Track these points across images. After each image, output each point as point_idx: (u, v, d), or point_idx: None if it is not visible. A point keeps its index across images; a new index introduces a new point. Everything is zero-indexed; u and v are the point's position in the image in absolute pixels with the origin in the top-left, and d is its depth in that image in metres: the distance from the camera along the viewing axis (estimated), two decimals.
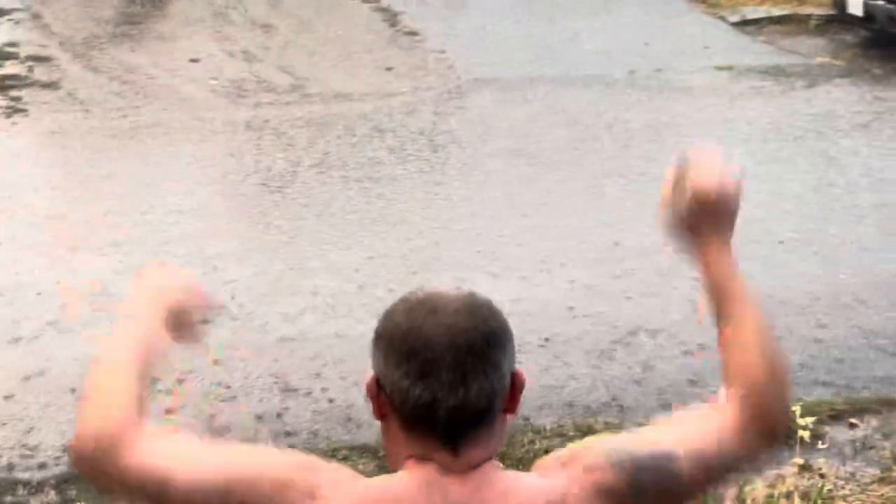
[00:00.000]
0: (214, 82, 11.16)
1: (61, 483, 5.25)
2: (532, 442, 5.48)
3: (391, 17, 13.40)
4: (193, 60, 11.76)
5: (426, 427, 1.78)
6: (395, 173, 9.14)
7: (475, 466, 1.80)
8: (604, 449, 1.89)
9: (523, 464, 5.29)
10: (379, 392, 1.83)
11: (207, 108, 10.49)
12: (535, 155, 9.50)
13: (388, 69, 11.70)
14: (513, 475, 1.86)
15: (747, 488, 4.60)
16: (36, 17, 13.14)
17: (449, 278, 7.30)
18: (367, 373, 1.87)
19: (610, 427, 5.62)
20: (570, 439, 5.48)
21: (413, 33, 12.85)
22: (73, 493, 5.19)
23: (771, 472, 5.19)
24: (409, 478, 1.78)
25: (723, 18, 13.83)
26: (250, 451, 1.93)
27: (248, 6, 13.70)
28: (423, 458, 1.79)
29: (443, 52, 12.23)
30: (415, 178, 9.07)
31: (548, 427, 5.66)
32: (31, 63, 11.55)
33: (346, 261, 7.57)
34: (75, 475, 5.30)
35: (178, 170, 9.16)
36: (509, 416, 1.88)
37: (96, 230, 7.91)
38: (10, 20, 12.97)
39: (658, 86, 11.43)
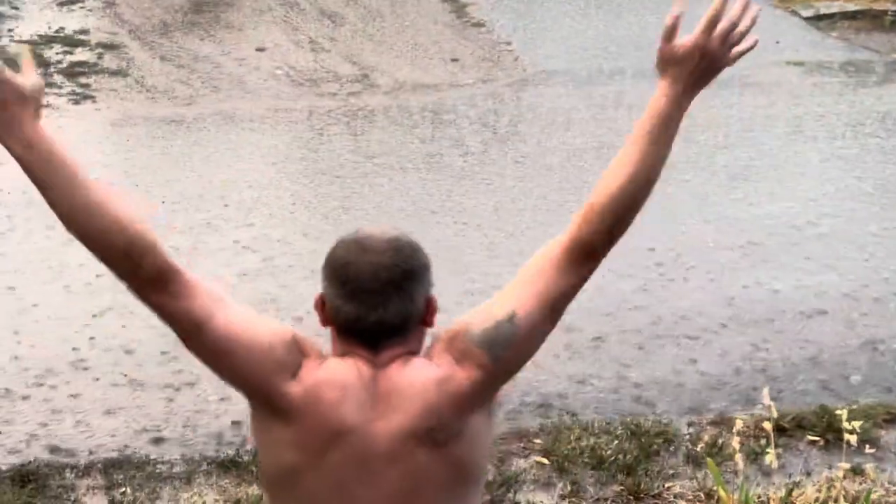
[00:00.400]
0: (280, 72, 11.18)
1: (108, 467, 5.25)
2: (579, 439, 5.40)
3: (459, 9, 13.36)
4: (260, 50, 11.80)
5: (353, 335, 2.36)
6: (456, 165, 9.10)
7: (392, 360, 2.36)
8: (466, 330, 2.38)
9: (569, 460, 5.27)
10: (323, 306, 2.38)
11: (272, 97, 10.52)
12: (598, 149, 9.39)
13: (454, 60, 11.66)
14: (417, 363, 2.38)
15: (795, 492, 4.49)
16: (108, 4, 13.25)
17: (508, 273, 7.26)
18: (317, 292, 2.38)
19: (657, 425, 5.56)
20: (618, 437, 5.44)
21: (480, 25, 12.80)
22: (119, 476, 5.19)
23: (820, 477, 5.09)
24: (348, 368, 2.35)
25: (795, 13, 13.61)
26: (266, 323, 2.44)
27: None
28: (354, 356, 2.36)
29: (509, 43, 12.17)
30: (476, 170, 9.01)
31: (595, 424, 5.57)
32: (100, 50, 11.66)
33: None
34: (121, 460, 5.37)
35: (241, 158, 9.18)
36: (426, 328, 2.44)
37: (157, 217, 7.96)
38: (83, 8, 13.11)
39: (726, 80, 11.11)
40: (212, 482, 5.15)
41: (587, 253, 2.42)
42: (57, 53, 11.47)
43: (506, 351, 2.37)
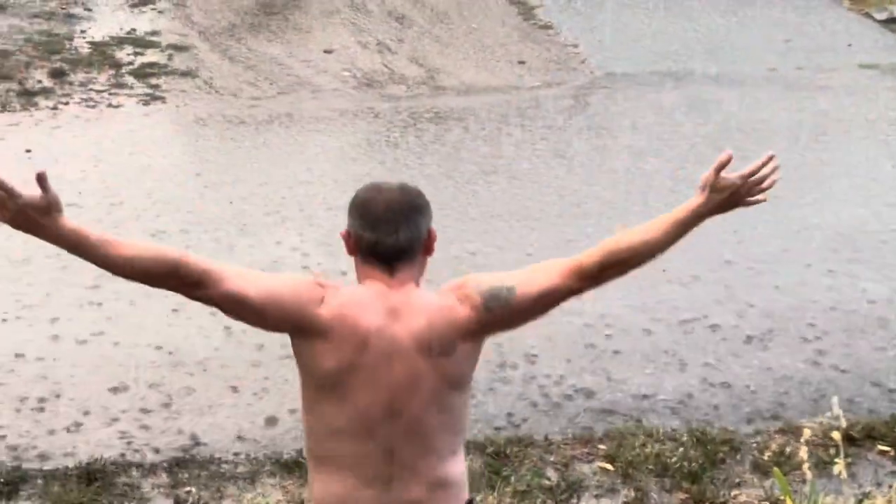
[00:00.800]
0: (346, 73, 11.22)
1: (173, 466, 5.28)
2: (644, 445, 5.35)
3: (526, 11, 13.34)
4: (327, 51, 11.85)
5: (373, 257, 3.00)
6: (522, 168, 9.06)
7: (404, 284, 3.00)
8: (476, 282, 3.01)
9: (634, 466, 5.21)
10: (349, 237, 3.04)
11: (338, 98, 10.55)
12: (663, 153, 9.33)
13: (521, 63, 11.63)
14: (425, 292, 3.06)
15: (866, 502, 4.40)
16: (179, 6, 13.38)
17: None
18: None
19: (723, 432, 5.50)
20: (683, 444, 5.37)
21: (547, 27, 12.77)
22: (184, 476, 5.22)
23: (890, 488, 5.00)
24: (367, 288, 3.01)
25: (868, 15, 13.43)
26: (287, 276, 3.20)
27: None
28: (373, 278, 3.01)
29: (576, 46, 12.12)
30: (541, 172, 8.97)
31: (660, 430, 5.52)
32: (171, 52, 11.76)
33: (466, 253, 7.53)
34: (186, 459, 5.40)
35: (308, 159, 9.22)
36: (427, 256, 3.09)
37: (226, 214, 8.01)
38: (154, 10, 13.26)
39: (798, 84, 11.15)
40: (275, 482, 5.16)
41: (584, 276, 3.04)
42: (128, 55, 11.59)
43: (497, 308, 3.01)
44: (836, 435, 4.26)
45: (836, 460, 4.18)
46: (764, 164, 3.13)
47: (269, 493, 5.09)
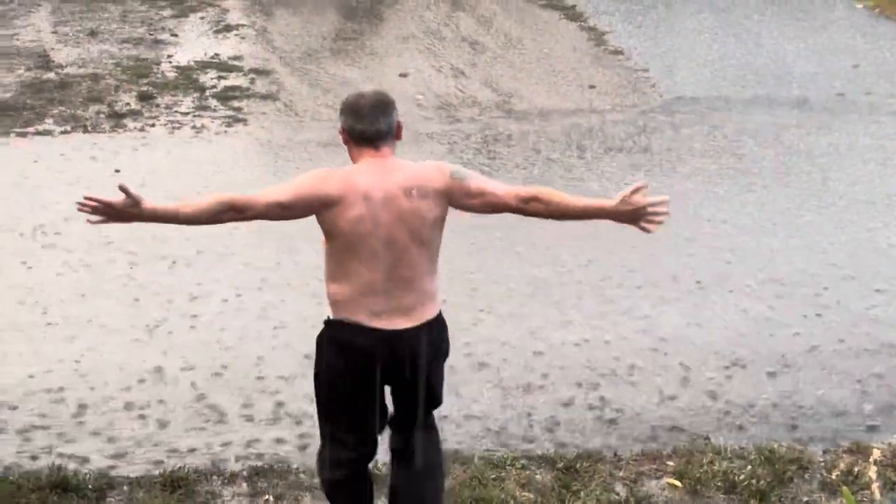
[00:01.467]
0: (421, 97, 11.29)
1: (253, 475, 5.35)
2: (711, 462, 5.33)
3: (597, 37, 13.34)
4: (403, 75, 11.93)
5: (363, 141, 4.11)
6: (592, 188, 9.05)
7: (387, 157, 4.12)
8: (451, 166, 4.24)
9: (702, 483, 5.19)
10: (344, 132, 4.15)
11: (413, 121, 10.59)
12: (733, 177, 9.29)
13: (591, 87, 11.64)
14: (407, 161, 4.21)
15: None
16: (261, 32, 13.56)
17: (641, 294, 7.22)
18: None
19: (791, 451, 5.45)
20: (751, 462, 5.35)
21: (618, 52, 12.76)
22: (262, 484, 5.29)
23: None
24: (362, 162, 4.13)
25: None
26: (303, 175, 4.19)
27: (459, 23, 13.83)
28: (365, 155, 4.11)
29: (646, 70, 12.10)
30: (610, 194, 8.92)
31: (728, 448, 5.49)
32: (252, 75, 11.91)
33: (535, 271, 7.55)
34: (265, 468, 5.46)
35: None
36: (397, 140, 4.20)
37: (301, 229, 8.06)
38: (237, 35, 13.43)
39: (866, 108, 11.04)
40: None
41: (517, 200, 4.17)
42: (212, 78, 11.75)
43: (458, 181, 4.18)
44: None
45: None
46: (661, 202, 4.19)
47: None
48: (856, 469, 5.29)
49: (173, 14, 14.21)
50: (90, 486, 5.29)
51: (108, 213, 4.07)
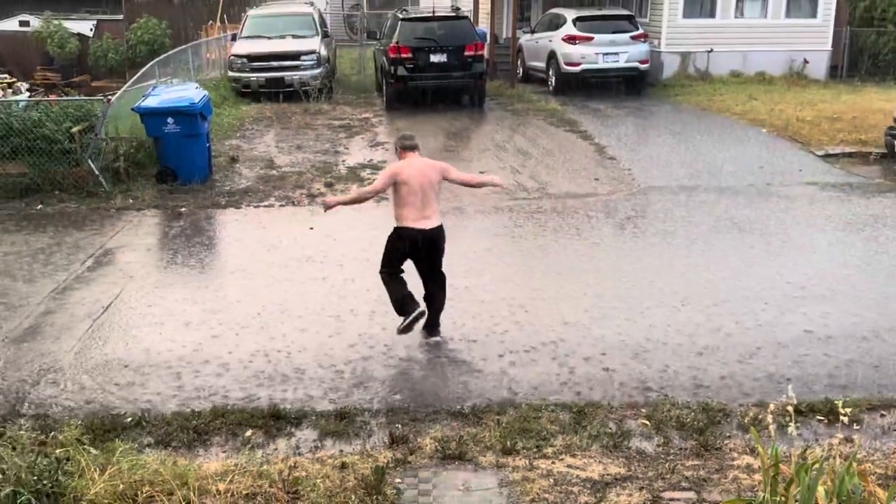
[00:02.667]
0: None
1: (388, 412, 5.36)
2: (669, 410, 5.23)
3: (600, 149, 13.28)
4: (482, 172, 11.93)
5: (407, 149, 6.08)
6: (596, 241, 9.02)
7: (418, 156, 6.07)
8: (445, 164, 6.21)
9: (663, 423, 5.07)
10: (397, 149, 6.18)
11: (487, 199, 10.65)
12: (685, 235, 9.18)
13: (596, 179, 11.58)
14: (424, 158, 6.12)
15: (808, 451, 4.23)
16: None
17: (632, 306, 7.13)
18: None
19: (719, 405, 5.33)
20: (694, 411, 5.21)
21: (612, 158, 12.69)
22: (394, 418, 5.29)
23: (825, 442, 4.79)
24: (409, 159, 6.03)
25: (812, 152, 12.98)
26: (385, 171, 6.09)
27: (515, 142, 13.86)
28: (407, 155, 6.07)
29: (629, 170, 12.01)
30: (608, 244, 8.92)
31: (679, 402, 5.36)
32: None
33: (567, 286, 7.50)
34: (400, 407, 5.46)
35: (469, 234, 9.33)
36: (418, 151, 6.18)
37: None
38: (383, 148, 13.59)
39: (767, 193, 10.84)
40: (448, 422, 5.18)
41: (459, 183, 6.38)
42: (367, 174, 11.89)
43: (445, 173, 6.07)
44: (790, 409, 4.13)
45: (790, 424, 4.05)
46: (500, 184, 6.69)
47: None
48: (759, 416, 5.18)
49: (346, 136, 14.46)
50: (292, 416, 5.38)
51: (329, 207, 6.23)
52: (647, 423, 5.21)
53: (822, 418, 5.22)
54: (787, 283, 7.62)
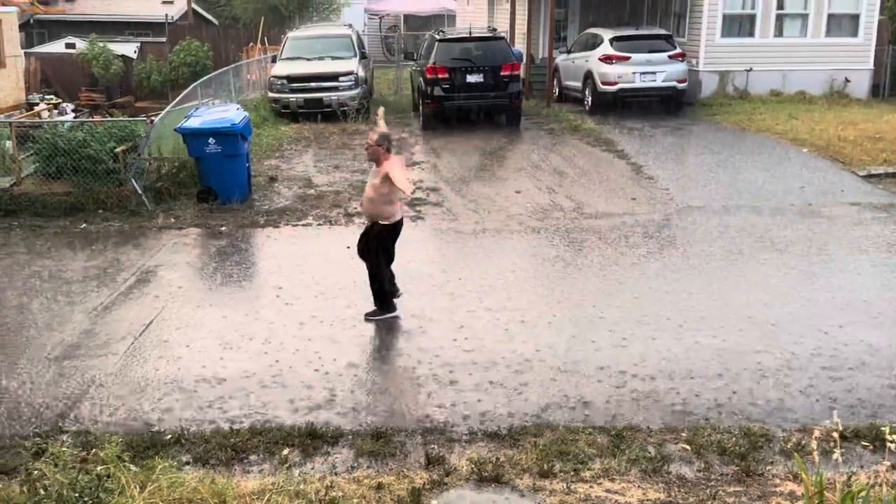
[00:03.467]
0: (528, 205, 11.30)
1: (424, 433, 5.33)
2: (710, 435, 5.13)
3: (637, 168, 13.19)
4: (517, 192, 11.97)
5: (390, 152, 6.88)
6: (633, 261, 8.94)
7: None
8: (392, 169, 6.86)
9: (703, 447, 4.98)
10: (386, 151, 6.83)
11: (523, 219, 10.64)
12: (724, 256, 9.06)
13: (633, 199, 11.49)
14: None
15: (853, 478, 4.13)
16: (433, 166, 13.77)
17: (669, 328, 7.05)
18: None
19: (761, 430, 5.23)
20: (735, 435, 5.11)
21: (650, 178, 12.60)
22: (429, 438, 5.27)
23: (871, 469, 4.66)
24: (392, 159, 6.84)
25: (854, 172, 12.75)
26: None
27: (551, 161, 13.83)
28: (392, 156, 6.91)
29: (667, 189, 11.91)
30: (644, 265, 8.83)
31: (720, 426, 5.27)
32: (428, 191, 12.08)
33: (600, 311, 7.44)
34: (432, 428, 5.44)
35: (506, 253, 9.32)
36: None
37: (454, 282, 8.14)
38: (419, 168, 13.65)
39: (808, 214, 10.67)
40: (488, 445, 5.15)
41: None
42: (403, 194, 11.90)
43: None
44: (835, 434, 4.03)
45: (835, 450, 3.95)
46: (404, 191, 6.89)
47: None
48: (803, 442, 5.07)
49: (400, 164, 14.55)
50: (329, 435, 5.39)
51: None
52: (688, 447, 5.12)
53: (867, 444, 5.08)
54: (829, 305, 7.47)
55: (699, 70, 18.98)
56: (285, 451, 5.15)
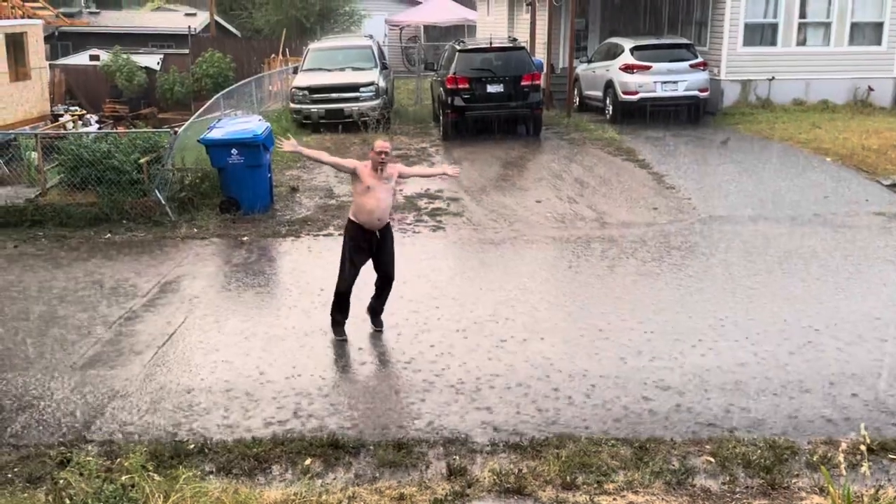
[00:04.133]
0: (549, 215, 11.27)
1: (446, 443, 5.31)
2: (734, 447, 5.07)
3: (658, 178, 13.13)
4: (538, 201, 11.95)
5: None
6: (656, 271, 8.89)
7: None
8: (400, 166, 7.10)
9: (728, 460, 4.93)
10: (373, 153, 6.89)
11: (544, 229, 10.62)
12: (748, 266, 8.98)
13: (654, 208, 11.44)
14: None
15: (881, 492, 4.07)
16: (453, 176, 13.73)
17: (693, 340, 7.00)
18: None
19: (787, 442, 5.16)
20: (760, 448, 5.06)
21: (672, 187, 12.53)
22: (452, 448, 5.25)
23: None
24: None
25: (878, 181, 12.61)
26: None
27: (572, 170, 13.80)
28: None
29: (689, 199, 11.84)
30: (666, 274, 8.78)
31: (745, 439, 5.22)
32: (448, 201, 12.09)
33: (624, 324, 7.41)
34: (457, 439, 5.43)
35: (525, 263, 9.30)
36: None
37: (475, 293, 8.13)
38: (440, 178, 13.56)
39: (833, 224, 10.56)
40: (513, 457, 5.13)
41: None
42: (424, 203, 11.97)
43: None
44: (863, 447, 3.98)
45: (863, 463, 3.90)
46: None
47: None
48: (829, 454, 5.01)
49: (403, 166, 14.56)
50: (351, 445, 5.39)
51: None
52: (712, 459, 5.07)
53: (895, 457, 5.01)
54: (855, 316, 7.39)
55: (721, 79, 18.88)
56: (307, 461, 5.16)
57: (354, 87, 18.01)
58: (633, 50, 17.83)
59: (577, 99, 20.35)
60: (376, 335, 7.17)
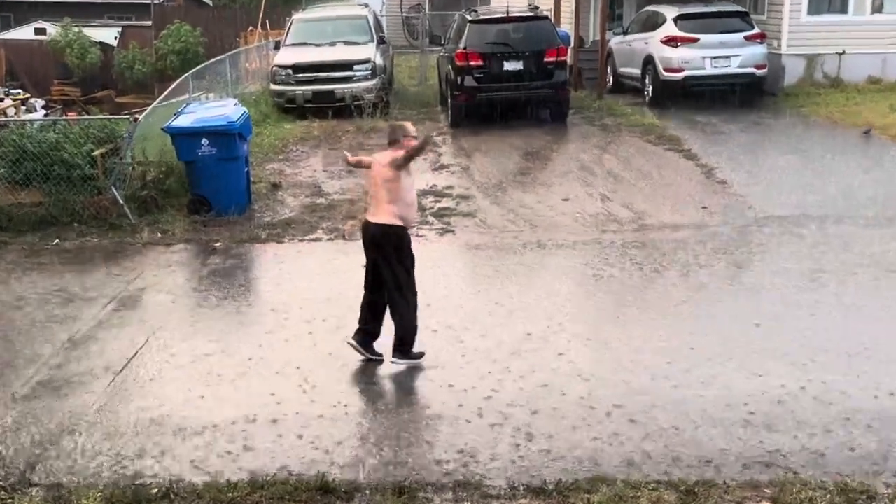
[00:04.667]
0: (578, 215, 11.27)
1: (455, 488, 5.33)
2: (799, 492, 5.07)
3: (707, 171, 13.12)
4: (565, 199, 11.95)
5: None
6: (703, 281, 8.88)
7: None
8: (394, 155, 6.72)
9: None
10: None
11: (571, 232, 10.61)
12: (814, 276, 8.95)
13: (703, 207, 11.43)
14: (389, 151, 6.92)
15: None
16: (465, 169, 13.80)
17: (734, 365, 6.98)
18: None
19: (861, 485, 5.15)
20: (830, 492, 5.05)
21: (723, 182, 12.52)
22: (462, 493, 5.26)
23: None
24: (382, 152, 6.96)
25: None
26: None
27: (605, 162, 13.81)
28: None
29: (744, 196, 11.83)
30: (717, 286, 8.76)
31: (812, 482, 5.21)
32: (458, 199, 12.10)
33: (663, 353, 7.39)
34: (461, 483, 5.43)
35: (549, 272, 9.31)
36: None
37: (488, 307, 8.13)
38: (448, 172, 13.69)
39: None
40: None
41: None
42: (430, 202, 11.99)
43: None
44: None
45: None
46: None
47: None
48: None
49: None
50: (343, 490, 5.40)
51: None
52: None
53: None
54: None
55: (782, 54, 18.84)
56: None
57: (347, 66, 18.06)
58: (676, 19, 17.83)
59: (611, 78, 20.36)
60: (371, 363, 7.18)
